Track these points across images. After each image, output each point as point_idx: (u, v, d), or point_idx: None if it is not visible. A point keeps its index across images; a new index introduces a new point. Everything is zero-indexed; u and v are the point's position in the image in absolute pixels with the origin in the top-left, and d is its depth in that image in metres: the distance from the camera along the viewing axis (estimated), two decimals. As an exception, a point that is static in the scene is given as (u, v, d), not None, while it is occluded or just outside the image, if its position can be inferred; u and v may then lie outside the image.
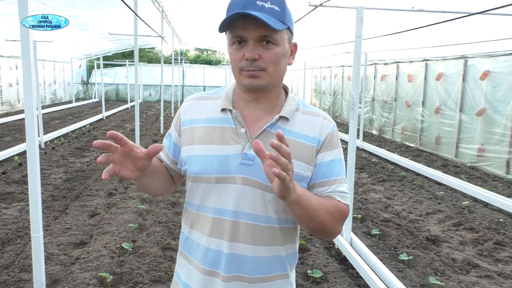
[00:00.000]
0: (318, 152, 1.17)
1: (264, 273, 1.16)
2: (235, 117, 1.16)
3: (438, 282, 3.26)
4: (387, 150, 8.93)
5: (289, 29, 1.12)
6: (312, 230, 1.12)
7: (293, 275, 1.25)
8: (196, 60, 30.76)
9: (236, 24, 1.07)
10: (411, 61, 9.83)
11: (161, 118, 10.88)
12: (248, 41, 1.08)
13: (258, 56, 1.07)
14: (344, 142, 9.94)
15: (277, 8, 1.07)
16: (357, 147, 9.00)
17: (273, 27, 1.04)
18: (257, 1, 1.06)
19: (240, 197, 1.12)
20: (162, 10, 9.39)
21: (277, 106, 1.19)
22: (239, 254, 1.13)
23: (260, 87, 1.11)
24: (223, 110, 1.18)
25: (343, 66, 13.82)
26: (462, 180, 6.39)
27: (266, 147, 1.10)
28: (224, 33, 1.14)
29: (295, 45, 1.18)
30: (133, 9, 5.91)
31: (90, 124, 12.12)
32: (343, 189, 1.18)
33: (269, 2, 1.07)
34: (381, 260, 3.60)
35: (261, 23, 1.04)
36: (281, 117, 1.16)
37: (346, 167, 3.80)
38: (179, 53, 21.96)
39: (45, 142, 8.56)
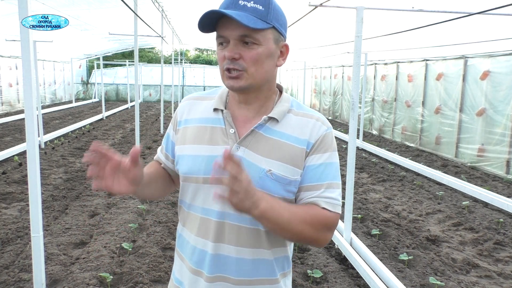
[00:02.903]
0: (308, 155, 1.13)
1: (249, 276, 1.13)
2: (225, 117, 1.16)
3: (438, 282, 3.26)
4: (387, 150, 8.93)
5: (276, 29, 1.09)
6: (290, 240, 1.12)
7: (286, 282, 1.21)
8: (196, 60, 30.75)
9: (220, 24, 1.06)
10: (411, 61, 9.83)
11: (161, 118, 10.88)
12: (230, 41, 1.07)
13: (238, 55, 1.06)
14: (344, 142, 9.95)
15: (260, 7, 1.05)
16: (357, 147, 9.00)
17: (248, 26, 1.01)
18: (240, 1, 1.05)
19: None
20: (162, 10, 9.38)
21: (268, 107, 1.17)
22: (223, 255, 1.12)
23: (241, 88, 1.09)
24: (215, 110, 1.18)
25: (343, 66, 13.81)
26: (462, 180, 6.39)
27: (255, 147, 1.11)
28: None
29: (285, 46, 1.14)
30: (133, 9, 5.91)
31: (90, 124, 12.12)
32: (331, 195, 1.11)
33: (252, 2, 1.05)
34: (381, 260, 3.59)
35: (238, 23, 1.02)
36: (270, 118, 1.13)
37: (346, 167, 3.79)
38: (179, 53, 21.95)
39: (45, 142, 8.56)
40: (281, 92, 1.22)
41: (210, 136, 1.15)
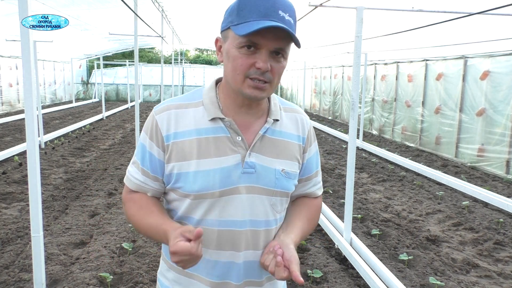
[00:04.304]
0: (304, 150, 1.22)
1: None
2: (228, 125, 1.11)
3: (438, 282, 3.26)
4: (387, 150, 8.93)
5: None
6: None
7: None
8: (196, 60, 30.74)
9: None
10: (411, 61, 9.83)
11: (161, 118, 10.85)
12: (261, 49, 1.02)
13: (270, 67, 1.03)
14: (344, 142, 9.95)
15: (292, 22, 1.03)
16: (357, 147, 9.00)
17: (299, 44, 1.02)
18: (279, 11, 1.00)
19: (246, 206, 1.11)
20: (162, 10, 9.38)
21: (264, 108, 1.18)
22: (250, 261, 1.13)
23: (263, 98, 1.10)
24: (212, 119, 1.11)
25: (343, 66, 13.81)
26: (462, 180, 6.39)
27: (264, 150, 1.13)
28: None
29: None
30: (133, 9, 5.91)
31: (90, 124, 12.12)
32: (319, 179, 1.31)
33: (287, 14, 1.01)
34: (381, 260, 3.59)
35: (280, 34, 1.00)
36: (274, 120, 1.16)
37: (346, 167, 3.81)
38: (179, 53, 21.95)
39: (45, 142, 8.56)
40: None
41: (216, 147, 1.09)
